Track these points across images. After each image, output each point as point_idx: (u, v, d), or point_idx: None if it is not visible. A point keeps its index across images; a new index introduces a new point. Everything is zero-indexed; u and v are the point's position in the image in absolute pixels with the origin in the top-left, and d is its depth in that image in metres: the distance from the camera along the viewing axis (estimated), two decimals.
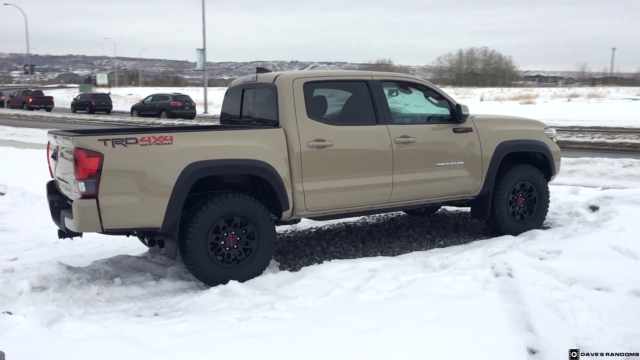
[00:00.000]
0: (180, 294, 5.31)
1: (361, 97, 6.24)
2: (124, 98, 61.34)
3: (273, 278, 5.51)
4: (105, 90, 71.37)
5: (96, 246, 7.17)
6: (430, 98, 6.62)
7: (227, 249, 5.44)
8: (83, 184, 4.88)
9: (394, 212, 8.46)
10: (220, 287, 5.19)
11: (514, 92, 64.84)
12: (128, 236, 5.68)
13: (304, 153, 5.69)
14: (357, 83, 6.25)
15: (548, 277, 5.23)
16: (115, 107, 48.82)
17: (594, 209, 7.82)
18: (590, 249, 5.80)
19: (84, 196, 4.91)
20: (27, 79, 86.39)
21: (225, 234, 5.42)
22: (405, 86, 6.61)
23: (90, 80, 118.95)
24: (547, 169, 7.22)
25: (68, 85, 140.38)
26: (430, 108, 6.66)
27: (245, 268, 5.50)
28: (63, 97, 74.62)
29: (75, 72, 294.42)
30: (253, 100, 6.31)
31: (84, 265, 6.08)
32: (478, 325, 4.23)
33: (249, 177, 5.75)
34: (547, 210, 7.27)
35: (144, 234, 5.49)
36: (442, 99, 6.58)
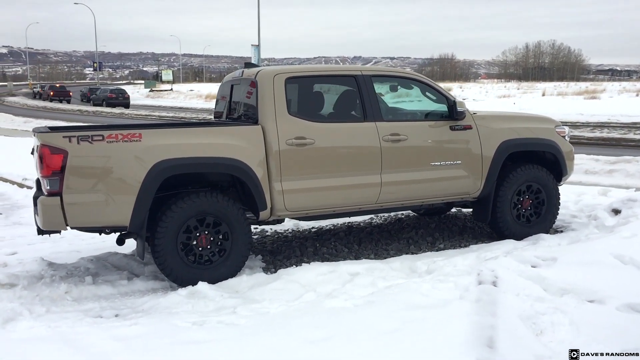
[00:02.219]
0: (150, 294, 5.21)
1: (348, 93, 5.98)
2: (184, 94, 62.60)
3: (247, 280, 5.34)
4: (167, 87, 73.82)
5: (96, 242, 7.18)
6: (427, 94, 6.28)
7: (200, 249, 5.30)
8: (47, 181, 4.84)
9: (403, 212, 8.15)
10: (189, 288, 5.06)
11: (581, 87, 62.28)
12: (100, 234, 5.62)
13: (283, 151, 5.48)
14: (345, 78, 5.99)
15: (535, 287, 4.86)
16: (171, 103, 51.51)
17: (616, 212, 7.30)
18: (590, 257, 5.37)
19: (49, 194, 4.88)
20: (99, 76, 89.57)
21: (197, 234, 5.28)
22: (400, 82, 6.29)
23: (157, 77, 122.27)
24: (557, 169, 6.73)
25: (135, 81, 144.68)
26: (426, 104, 6.32)
27: (218, 269, 5.35)
28: (128, 92, 76.91)
29: (145, 68, 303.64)
30: (239, 96, 6.15)
31: (69, 262, 6.08)
32: (435, 338, 3.94)
33: (229, 175, 5.58)
34: (557, 213, 6.80)
35: (113, 232, 5.42)
36: (439, 94, 6.23)
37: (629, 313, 4.38)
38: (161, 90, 74.61)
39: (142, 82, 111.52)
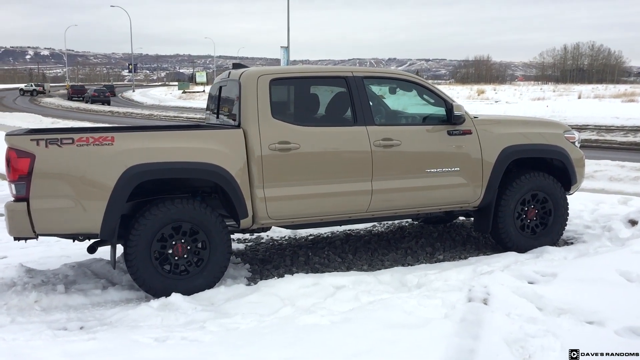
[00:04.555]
0: (122, 305, 4.98)
1: (338, 96, 5.68)
2: None
3: (224, 291, 5.07)
4: (200, 88, 74.70)
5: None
6: (424, 97, 5.92)
7: (176, 258, 5.05)
8: (14, 186, 4.66)
9: (407, 221, 7.79)
10: (162, 300, 4.81)
11: (619, 90, 60.51)
12: (74, 241, 5.42)
13: (265, 156, 5.20)
14: (334, 80, 5.68)
15: (529, 306, 4.49)
16: (202, 104, 52.32)
17: (633, 223, 6.83)
18: (593, 273, 4.97)
19: (16, 199, 4.70)
20: (136, 78, 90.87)
21: (173, 243, 5.03)
22: (395, 84, 5.95)
23: (192, 79, 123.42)
24: (566, 177, 6.29)
25: (170, 83, 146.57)
26: (422, 108, 5.97)
27: (195, 280, 5.09)
28: (161, 94, 77.80)
29: (181, 70, 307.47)
30: (225, 98, 5.89)
31: (51, 268, 5.90)
32: None
33: (211, 181, 5.32)
34: (566, 224, 6.35)
35: (87, 239, 5.21)
36: (437, 97, 5.87)
37: (628, 337, 4.00)
38: (193, 92, 75.14)
39: (177, 83, 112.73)
